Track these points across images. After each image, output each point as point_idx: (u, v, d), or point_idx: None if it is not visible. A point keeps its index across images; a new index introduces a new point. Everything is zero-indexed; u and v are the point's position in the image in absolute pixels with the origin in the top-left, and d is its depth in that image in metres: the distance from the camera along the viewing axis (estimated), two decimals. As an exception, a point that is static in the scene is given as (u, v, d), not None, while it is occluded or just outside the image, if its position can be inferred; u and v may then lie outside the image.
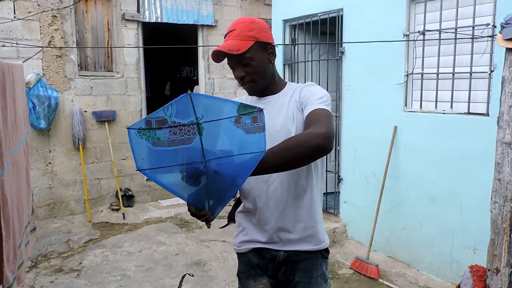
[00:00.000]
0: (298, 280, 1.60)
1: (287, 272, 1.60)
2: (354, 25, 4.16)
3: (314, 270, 1.60)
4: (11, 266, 1.92)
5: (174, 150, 1.15)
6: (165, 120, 1.13)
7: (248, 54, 1.48)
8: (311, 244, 1.59)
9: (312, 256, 1.60)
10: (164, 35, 7.48)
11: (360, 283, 3.56)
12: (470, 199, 3.26)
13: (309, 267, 1.60)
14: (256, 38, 1.50)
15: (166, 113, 1.13)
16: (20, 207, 2.25)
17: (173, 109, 1.13)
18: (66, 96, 5.15)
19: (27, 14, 4.82)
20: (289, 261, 1.59)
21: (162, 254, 4.14)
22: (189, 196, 1.23)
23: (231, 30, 1.52)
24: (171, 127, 1.13)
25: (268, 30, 1.56)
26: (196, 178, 1.20)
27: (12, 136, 2.11)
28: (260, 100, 1.61)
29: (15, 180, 2.15)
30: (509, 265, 2.21)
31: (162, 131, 1.13)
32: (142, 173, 1.17)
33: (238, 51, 1.46)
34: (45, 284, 3.54)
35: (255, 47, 1.50)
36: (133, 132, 1.12)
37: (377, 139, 3.97)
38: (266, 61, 1.55)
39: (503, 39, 2.23)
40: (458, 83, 3.40)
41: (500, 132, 2.23)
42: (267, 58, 1.55)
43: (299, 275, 1.60)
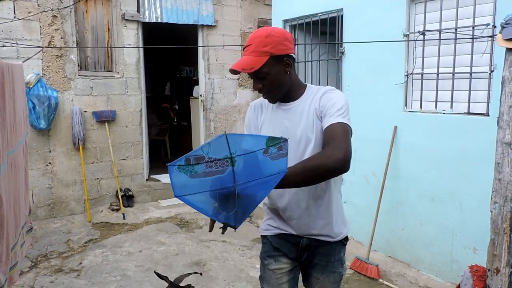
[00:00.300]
0: (317, 262, 1.76)
1: (309, 255, 1.77)
2: (354, 25, 4.16)
3: (332, 255, 1.76)
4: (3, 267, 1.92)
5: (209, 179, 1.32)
6: (203, 157, 1.30)
7: (263, 69, 1.57)
8: (331, 237, 1.73)
9: (332, 243, 1.74)
10: (164, 35, 7.48)
11: (360, 283, 3.56)
12: (470, 199, 3.26)
13: (328, 252, 1.75)
14: (270, 53, 1.57)
15: (204, 151, 1.30)
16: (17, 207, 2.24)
17: (210, 148, 1.30)
18: (66, 96, 5.15)
19: (27, 14, 4.82)
20: (311, 247, 1.75)
21: (162, 254, 4.14)
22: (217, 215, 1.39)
23: (248, 44, 1.60)
24: (207, 162, 1.30)
25: (285, 41, 1.61)
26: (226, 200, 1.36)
27: (11, 136, 2.11)
28: (282, 106, 1.71)
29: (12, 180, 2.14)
30: (509, 265, 2.21)
31: (200, 165, 1.29)
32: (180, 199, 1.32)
33: (252, 69, 1.55)
34: (45, 284, 3.54)
35: (270, 61, 1.57)
36: (173, 168, 1.27)
37: (377, 139, 3.97)
38: (283, 73, 1.62)
39: (503, 39, 2.22)
40: (458, 83, 3.40)
41: (500, 132, 2.23)
42: (283, 70, 1.62)
43: (318, 258, 1.76)
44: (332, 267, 1.77)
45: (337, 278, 1.79)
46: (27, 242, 2.65)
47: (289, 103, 1.69)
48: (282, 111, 1.70)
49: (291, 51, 1.64)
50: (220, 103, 6.40)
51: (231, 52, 6.40)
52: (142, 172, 5.83)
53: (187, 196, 1.32)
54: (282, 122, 1.68)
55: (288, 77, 1.65)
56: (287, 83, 1.66)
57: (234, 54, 6.45)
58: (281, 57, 1.60)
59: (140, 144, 5.77)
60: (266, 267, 1.82)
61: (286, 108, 1.69)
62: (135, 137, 5.71)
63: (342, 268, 1.82)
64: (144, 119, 5.85)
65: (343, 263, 1.82)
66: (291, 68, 1.65)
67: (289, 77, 1.66)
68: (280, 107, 1.71)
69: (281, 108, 1.70)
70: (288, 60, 1.62)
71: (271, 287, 1.79)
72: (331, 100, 1.61)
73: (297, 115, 1.66)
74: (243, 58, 1.59)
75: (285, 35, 1.63)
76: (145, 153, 5.88)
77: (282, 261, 1.78)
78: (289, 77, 1.66)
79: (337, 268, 1.78)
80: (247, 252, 4.17)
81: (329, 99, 1.61)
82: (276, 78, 1.61)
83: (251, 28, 6.62)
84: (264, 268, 1.83)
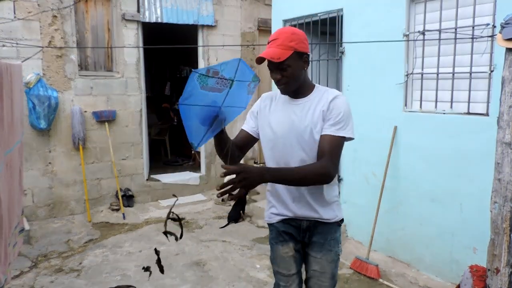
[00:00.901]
0: (315, 240, 1.97)
1: (310, 236, 1.97)
2: (354, 25, 4.16)
3: (329, 234, 1.96)
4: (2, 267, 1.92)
5: (209, 94, 1.60)
6: (218, 72, 1.57)
7: (286, 62, 1.77)
8: (326, 218, 1.94)
9: (328, 224, 1.95)
10: (164, 35, 7.48)
11: (360, 283, 3.56)
12: (470, 199, 3.26)
13: (325, 231, 1.96)
14: (295, 48, 1.77)
15: (220, 68, 1.56)
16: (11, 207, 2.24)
17: (225, 66, 1.57)
18: (66, 96, 5.15)
19: (27, 14, 4.82)
20: (310, 228, 1.96)
21: (162, 254, 4.10)
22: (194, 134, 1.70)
23: (274, 38, 1.80)
24: (218, 78, 1.58)
25: (305, 41, 1.83)
26: (208, 119, 1.68)
27: (8, 136, 2.10)
28: (292, 101, 1.91)
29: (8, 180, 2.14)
30: (509, 265, 2.21)
31: (213, 79, 1.57)
32: (180, 107, 1.58)
33: (279, 59, 1.74)
34: (45, 284, 3.54)
35: (293, 56, 1.77)
36: (195, 75, 1.52)
37: (377, 139, 3.97)
38: (301, 68, 1.83)
39: (503, 39, 2.22)
40: (458, 83, 3.40)
41: (500, 132, 2.23)
42: (302, 65, 1.83)
43: (316, 237, 1.96)
44: (329, 245, 1.96)
45: (334, 257, 1.98)
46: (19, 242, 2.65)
47: (298, 99, 1.89)
48: (290, 105, 1.89)
49: (308, 51, 1.85)
50: (220, 103, 6.40)
51: (231, 52, 6.40)
52: (142, 172, 5.83)
53: (187, 105, 1.57)
54: (290, 115, 1.88)
55: (304, 72, 1.86)
56: (301, 78, 1.85)
57: (234, 54, 6.44)
58: (302, 54, 1.81)
59: (140, 144, 5.77)
60: (275, 251, 2.04)
61: (294, 104, 1.89)
62: (135, 137, 5.71)
63: (339, 248, 2.01)
64: (144, 119, 5.85)
65: (339, 242, 2.01)
66: (308, 65, 1.86)
67: (305, 72, 1.87)
68: (289, 102, 1.91)
69: (290, 103, 1.90)
70: (306, 57, 1.84)
71: (282, 269, 2.02)
72: (339, 108, 1.81)
73: (304, 111, 1.85)
74: (271, 49, 1.76)
75: (304, 35, 1.85)
76: (145, 153, 5.88)
77: (288, 244, 2.00)
78: (305, 72, 1.87)
79: (333, 247, 1.97)
80: (247, 252, 4.18)
81: (337, 107, 1.82)
82: (295, 71, 1.80)
83: (251, 28, 6.62)
84: (273, 252, 2.07)
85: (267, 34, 6.36)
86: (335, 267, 2.00)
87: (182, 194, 6.12)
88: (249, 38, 6.59)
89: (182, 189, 6.15)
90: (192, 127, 1.65)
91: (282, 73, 1.80)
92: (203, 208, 5.66)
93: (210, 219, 5.24)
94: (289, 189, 1.90)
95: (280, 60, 1.74)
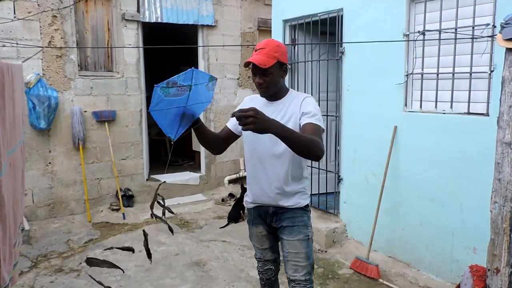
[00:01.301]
0: (284, 225, 2.27)
1: (277, 220, 2.29)
2: (354, 25, 4.16)
3: (295, 219, 2.25)
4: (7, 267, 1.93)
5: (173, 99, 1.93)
6: (176, 82, 1.89)
7: (270, 69, 2.08)
8: (289, 204, 2.24)
9: (294, 209, 2.25)
10: (164, 35, 7.48)
11: (360, 283, 3.56)
12: (470, 199, 3.26)
13: (291, 216, 2.25)
14: (278, 58, 2.09)
15: (179, 79, 1.89)
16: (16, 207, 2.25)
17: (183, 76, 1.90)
18: (66, 96, 5.16)
19: (27, 14, 4.82)
20: (277, 213, 2.28)
21: (162, 254, 4.14)
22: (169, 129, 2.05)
23: (262, 47, 2.10)
24: (178, 86, 1.90)
25: (286, 54, 2.18)
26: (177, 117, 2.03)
27: (11, 136, 2.11)
28: (268, 103, 2.24)
29: (12, 180, 2.15)
30: (509, 265, 2.21)
31: (173, 88, 1.89)
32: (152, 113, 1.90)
33: (265, 66, 2.05)
34: (45, 284, 3.54)
35: (276, 65, 2.09)
36: (157, 88, 1.84)
37: (377, 139, 3.97)
38: (280, 76, 2.17)
39: (503, 39, 2.22)
40: (458, 83, 3.40)
41: (500, 132, 2.23)
42: (281, 74, 2.17)
43: (285, 222, 2.27)
44: (298, 228, 2.24)
45: (304, 238, 2.25)
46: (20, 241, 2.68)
47: (274, 101, 2.23)
48: (267, 107, 2.21)
49: (287, 62, 2.20)
50: (220, 103, 6.41)
51: (231, 52, 6.40)
52: (142, 172, 5.83)
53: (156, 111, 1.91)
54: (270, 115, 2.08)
55: (282, 80, 2.20)
56: (279, 84, 2.18)
57: (234, 54, 6.45)
58: (283, 64, 2.14)
59: (140, 144, 5.77)
60: (251, 230, 2.46)
61: (270, 105, 2.22)
62: (135, 137, 5.72)
63: (308, 230, 2.28)
64: (144, 119, 5.85)
65: (307, 226, 2.29)
66: (286, 74, 2.21)
67: (282, 81, 2.21)
68: (266, 104, 2.24)
69: (267, 105, 2.23)
70: (285, 68, 2.17)
71: (256, 244, 2.45)
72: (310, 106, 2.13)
73: (277, 111, 2.17)
74: (259, 56, 2.06)
75: (286, 49, 2.19)
76: (145, 153, 5.88)
77: (259, 226, 2.38)
78: (282, 81, 2.21)
79: (302, 229, 2.25)
80: (247, 252, 4.17)
81: (309, 105, 2.13)
82: (275, 78, 2.13)
83: (251, 28, 6.62)
84: (250, 231, 2.48)
85: (267, 34, 6.36)
86: (307, 247, 2.26)
87: (182, 194, 6.12)
88: (249, 38, 6.60)
89: (182, 189, 6.15)
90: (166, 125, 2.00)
91: (264, 78, 2.10)
92: (203, 208, 5.66)
93: (210, 219, 5.25)
94: (258, 181, 2.24)
95: (265, 67, 2.04)
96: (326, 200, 4.72)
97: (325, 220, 4.53)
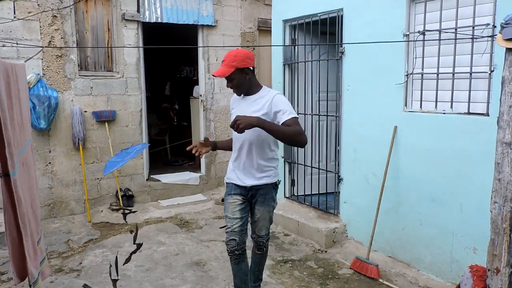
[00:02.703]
0: (258, 198, 2.86)
1: (253, 195, 2.86)
2: (354, 25, 4.16)
3: (267, 194, 2.87)
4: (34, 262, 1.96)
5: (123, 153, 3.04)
6: (127, 149, 3.07)
7: (231, 76, 2.68)
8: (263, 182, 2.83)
9: (267, 186, 2.85)
10: (164, 35, 7.48)
11: (360, 283, 3.56)
12: (470, 199, 3.26)
13: (265, 192, 2.86)
14: (236, 66, 2.65)
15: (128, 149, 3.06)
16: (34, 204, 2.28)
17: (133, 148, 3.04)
18: (66, 96, 5.16)
19: (27, 14, 4.82)
20: (253, 189, 2.84)
21: (162, 254, 4.14)
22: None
23: (223, 60, 2.69)
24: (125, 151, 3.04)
25: (246, 59, 2.68)
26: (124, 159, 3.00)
27: (20, 135, 2.12)
28: (243, 98, 2.84)
29: (26, 179, 2.17)
30: (509, 265, 2.21)
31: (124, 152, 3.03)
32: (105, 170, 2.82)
33: (224, 75, 2.67)
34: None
35: (236, 71, 2.66)
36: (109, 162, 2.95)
37: (377, 139, 3.97)
38: (243, 79, 2.71)
39: (503, 39, 2.22)
40: (458, 83, 3.40)
41: (500, 132, 2.23)
42: (244, 77, 2.71)
43: (259, 196, 2.86)
44: (267, 201, 2.87)
45: (270, 208, 2.91)
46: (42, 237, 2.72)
47: (250, 96, 2.79)
48: (244, 101, 2.81)
49: (250, 65, 2.70)
50: (220, 103, 6.41)
51: (231, 52, 6.39)
52: (142, 172, 5.83)
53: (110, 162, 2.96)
54: (243, 107, 2.76)
55: (247, 81, 2.73)
56: (246, 84, 2.75)
57: (234, 54, 6.44)
58: (243, 68, 2.67)
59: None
60: (226, 201, 2.91)
61: (246, 100, 2.80)
62: (135, 137, 5.72)
63: (274, 203, 2.94)
64: (144, 119, 5.85)
65: (274, 199, 2.93)
66: (249, 75, 2.72)
67: (248, 81, 2.73)
68: (243, 99, 2.83)
69: (244, 99, 2.82)
70: (247, 71, 2.69)
71: (228, 213, 2.86)
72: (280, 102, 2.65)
73: (258, 104, 2.71)
74: (220, 68, 2.68)
75: (247, 55, 2.70)
76: (145, 153, 5.88)
77: (235, 197, 2.85)
78: (248, 81, 2.73)
79: (270, 202, 2.89)
80: (247, 252, 4.17)
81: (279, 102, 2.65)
82: (239, 81, 2.72)
83: (251, 28, 6.62)
84: (225, 201, 2.93)
85: (267, 34, 6.36)
86: (271, 212, 2.94)
87: (182, 194, 6.13)
88: (249, 38, 6.60)
89: (182, 189, 6.15)
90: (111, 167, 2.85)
91: (230, 83, 2.73)
92: (203, 208, 5.66)
93: (210, 219, 5.25)
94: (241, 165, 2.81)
95: (225, 76, 2.66)
96: (326, 200, 4.72)
97: (325, 220, 4.53)
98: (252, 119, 2.43)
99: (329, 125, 4.95)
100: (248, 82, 2.73)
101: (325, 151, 4.99)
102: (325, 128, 4.96)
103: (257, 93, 2.77)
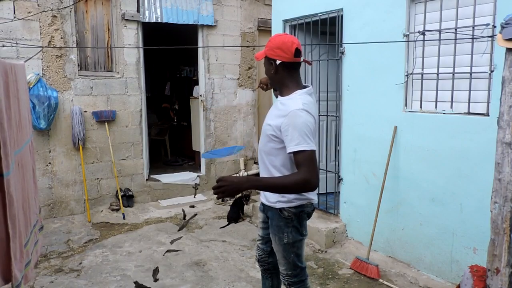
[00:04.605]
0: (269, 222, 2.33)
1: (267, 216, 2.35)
2: (354, 25, 4.16)
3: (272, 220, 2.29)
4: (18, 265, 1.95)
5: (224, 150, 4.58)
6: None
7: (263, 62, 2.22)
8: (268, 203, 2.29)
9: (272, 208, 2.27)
10: (164, 35, 7.48)
11: (360, 283, 3.56)
12: (470, 199, 3.26)
13: (271, 216, 2.30)
14: (265, 53, 2.16)
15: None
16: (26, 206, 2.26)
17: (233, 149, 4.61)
18: (66, 96, 5.15)
19: (27, 14, 4.82)
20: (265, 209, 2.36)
21: (162, 254, 4.13)
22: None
23: None
24: None
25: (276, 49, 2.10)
26: None
27: (17, 136, 2.12)
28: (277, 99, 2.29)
29: (20, 179, 2.16)
30: (509, 265, 2.21)
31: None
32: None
33: (257, 58, 2.21)
34: (45, 284, 3.54)
35: (266, 59, 2.18)
36: None
37: (377, 139, 3.97)
38: (269, 71, 2.19)
39: (503, 39, 2.22)
40: (458, 83, 3.40)
41: (500, 132, 2.23)
42: (269, 69, 2.18)
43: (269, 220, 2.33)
44: (273, 229, 2.29)
45: (278, 241, 2.27)
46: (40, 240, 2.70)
47: (280, 98, 2.22)
48: (275, 104, 2.26)
49: (280, 58, 2.10)
50: (220, 103, 6.40)
51: (231, 52, 6.40)
52: (142, 172, 5.83)
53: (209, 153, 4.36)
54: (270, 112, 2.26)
55: (274, 75, 2.19)
56: (275, 80, 2.22)
57: (234, 54, 6.44)
58: (270, 59, 2.14)
59: (140, 144, 5.77)
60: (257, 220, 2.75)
61: (277, 102, 2.23)
62: (135, 137, 5.71)
63: (283, 235, 2.24)
64: (144, 119, 5.85)
65: (282, 231, 2.24)
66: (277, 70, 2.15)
67: (276, 76, 2.18)
68: (277, 100, 2.26)
69: (276, 101, 2.27)
70: (274, 64, 2.13)
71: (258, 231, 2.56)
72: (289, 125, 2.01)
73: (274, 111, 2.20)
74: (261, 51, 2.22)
75: (281, 45, 2.10)
76: (145, 153, 5.88)
77: (260, 214, 2.48)
78: (276, 76, 2.18)
79: (277, 232, 2.26)
80: (247, 252, 4.17)
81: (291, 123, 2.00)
82: (267, 72, 2.23)
83: (251, 28, 6.62)
84: None
85: (267, 34, 6.35)
86: (283, 250, 2.28)
87: (182, 194, 6.12)
88: (249, 38, 6.59)
89: (182, 189, 6.15)
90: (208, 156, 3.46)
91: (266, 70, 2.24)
92: (203, 208, 5.66)
93: (210, 219, 5.24)
94: None
95: (258, 60, 2.21)
96: (326, 200, 4.72)
97: (325, 220, 4.53)
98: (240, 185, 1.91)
99: (329, 125, 4.95)
100: (276, 78, 2.18)
101: (325, 151, 4.99)
102: (325, 128, 4.96)
103: (285, 97, 2.16)
